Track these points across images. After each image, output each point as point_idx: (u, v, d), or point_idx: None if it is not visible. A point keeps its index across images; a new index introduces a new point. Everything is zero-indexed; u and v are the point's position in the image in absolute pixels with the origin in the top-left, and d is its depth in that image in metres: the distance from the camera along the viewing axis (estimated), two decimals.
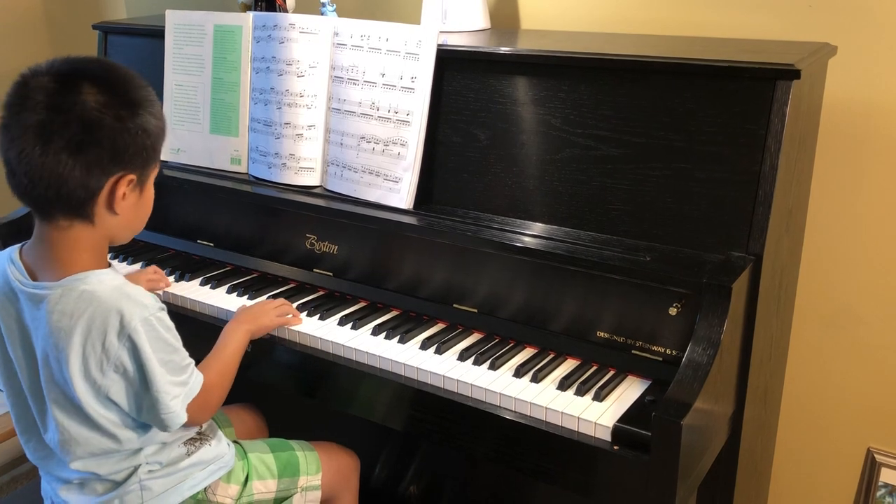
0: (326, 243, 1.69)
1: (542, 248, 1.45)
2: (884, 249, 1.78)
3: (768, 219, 1.35)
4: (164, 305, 1.27)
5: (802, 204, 1.72)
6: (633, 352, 1.39)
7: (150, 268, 1.80)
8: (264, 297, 1.69)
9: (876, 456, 1.89)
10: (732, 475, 1.49)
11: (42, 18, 2.88)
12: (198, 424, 1.38)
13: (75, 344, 1.20)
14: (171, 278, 1.80)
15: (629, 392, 1.35)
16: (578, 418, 1.28)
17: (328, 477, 1.56)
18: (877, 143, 1.74)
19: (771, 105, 1.35)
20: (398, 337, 1.52)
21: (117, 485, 1.31)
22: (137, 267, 1.87)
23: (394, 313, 1.63)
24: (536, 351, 1.48)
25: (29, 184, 1.18)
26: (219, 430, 1.47)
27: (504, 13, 2.09)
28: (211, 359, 1.44)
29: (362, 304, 1.66)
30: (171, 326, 1.27)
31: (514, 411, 1.34)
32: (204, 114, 1.93)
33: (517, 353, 1.48)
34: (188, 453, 1.38)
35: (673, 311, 1.33)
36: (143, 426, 1.29)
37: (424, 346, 1.50)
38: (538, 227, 1.53)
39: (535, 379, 1.38)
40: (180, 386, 1.27)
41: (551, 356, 1.46)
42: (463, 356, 1.45)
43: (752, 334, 1.39)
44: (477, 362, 1.44)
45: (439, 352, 1.48)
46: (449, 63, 1.62)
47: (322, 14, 1.87)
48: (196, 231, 1.90)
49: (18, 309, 1.26)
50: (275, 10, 1.99)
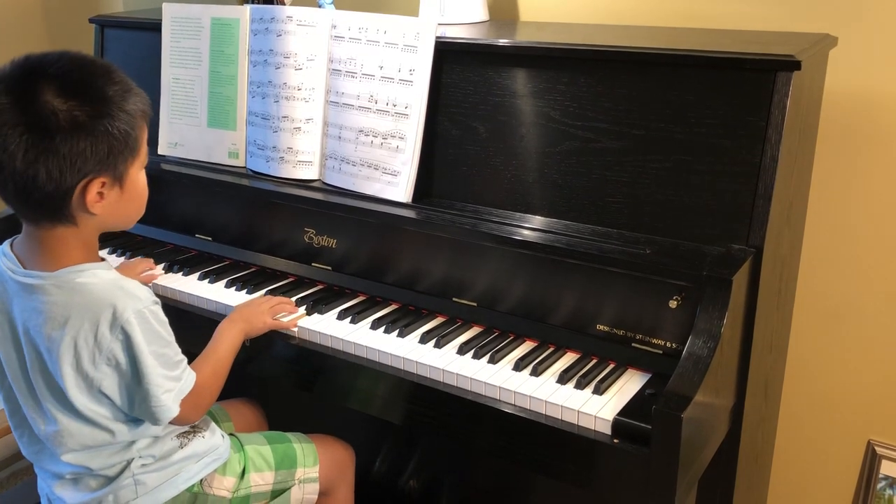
0: (325, 237, 1.69)
1: (542, 242, 1.45)
2: (884, 242, 1.78)
3: (769, 211, 1.34)
4: (158, 299, 1.27)
5: (803, 196, 1.71)
6: (633, 345, 1.38)
7: (138, 260, 1.80)
8: (263, 292, 1.69)
9: (876, 448, 1.89)
10: (733, 468, 1.49)
11: (39, 12, 2.87)
12: (188, 423, 1.38)
13: (67, 336, 1.20)
14: (169, 273, 1.79)
15: (629, 385, 1.35)
16: (578, 412, 1.28)
17: (325, 469, 1.56)
18: (878, 134, 1.73)
19: (771, 96, 1.34)
20: (397, 331, 1.52)
21: (111, 480, 1.31)
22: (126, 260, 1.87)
23: (393, 307, 1.62)
24: (536, 344, 1.48)
25: (3, 193, 1.18)
26: (212, 422, 1.47)
27: (503, 5, 2.08)
28: (203, 358, 1.43)
29: (361, 298, 1.66)
30: (165, 321, 1.27)
31: (514, 405, 1.34)
32: (201, 107, 1.93)
33: (517, 347, 1.47)
34: (181, 446, 1.38)
35: (673, 304, 1.32)
36: (134, 419, 1.29)
37: (424, 339, 1.49)
38: (538, 221, 1.53)
39: (535, 372, 1.38)
40: (173, 381, 1.27)
41: (551, 349, 1.45)
42: (462, 350, 1.45)
43: (752, 327, 1.38)
44: (476, 356, 1.43)
45: (438, 345, 1.47)
46: (447, 55, 1.61)
47: (319, 6, 1.86)
48: (194, 225, 1.89)
49: (7, 300, 1.26)
50: (272, 3, 1.98)
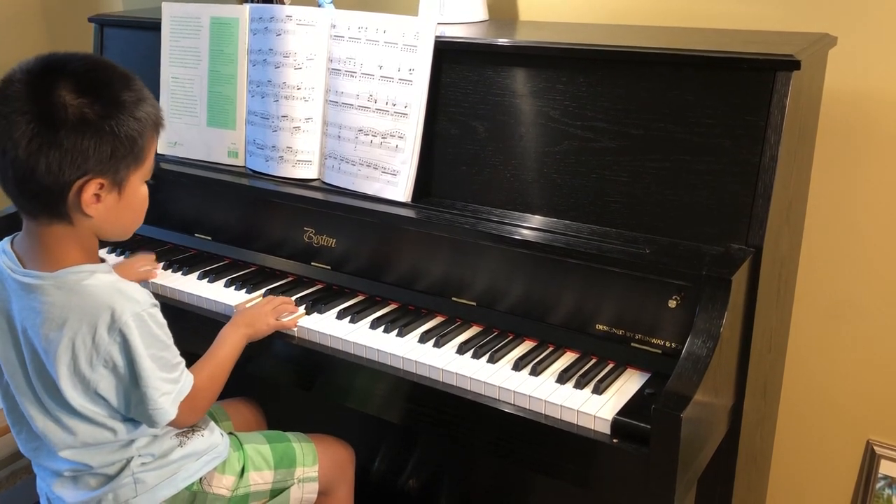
0: (324, 236, 1.69)
1: (541, 241, 1.45)
2: (884, 241, 1.78)
3: (768, 211, 1.34)
4: (157, 302, 1.27)
5: (802, 196, 1.71)
6: (632, 344, 1.38)
7: (140, 255, 1.80)
8: (262, 291, 1.69)
9: (875, 448, 1.89)
10: (732, 467, 1.49)
11: (39, 11, 2.87)
12: (184, 426, 1.38)
13: (65, 338, 1.20)
14: (168, 271, 1.79)
15: (628, 385, 1.35)
16: (577, 411, 1.28)
17: (325, 468, 1.56)
18: (877, 134, 1.73)
19: (771, 96, 1.34)
20: (397, 330, 1.52)
21: (110, 478, 1.31)
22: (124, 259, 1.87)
23: (392, 306, 1.62)
24: (535, 344, 1.48)
25: (3, 181, 1.19)
26: (211, 421, 1.47)
27: (502, 5, 2.08)
28: (204, 361, 1.43)
29: (361, 298, 1.66)
30: (164, 323, 1.27)
31: (513, 404, 1.34)
32: (201, 107, 1.93)
33: (516, 346, 1.47)
34: (180, 444, 1.37)
35: (672, 304, 1.32)
36: (131, 418, 1.29)
37: (423, 339, 1.49)
38: (537, 220, 1.53)
39: (534, 372, 1.38)
40: (171, 383, 1.27)
41: (550, 349, 1.45)
42: (462, 349, 1.45)
43: (751, 326, 1.38)
44: (476, 355, 1.43)
45: (438, 345, 1.47)
46: (447, 55, 1.61)
47: (319, 6, 1.86)
48: (193, 225, 1.89)
49: (5, 298, 1.26)
50: (271, 2, 1.98)
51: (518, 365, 1.40)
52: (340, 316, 1.58)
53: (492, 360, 1.42)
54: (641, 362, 1.38)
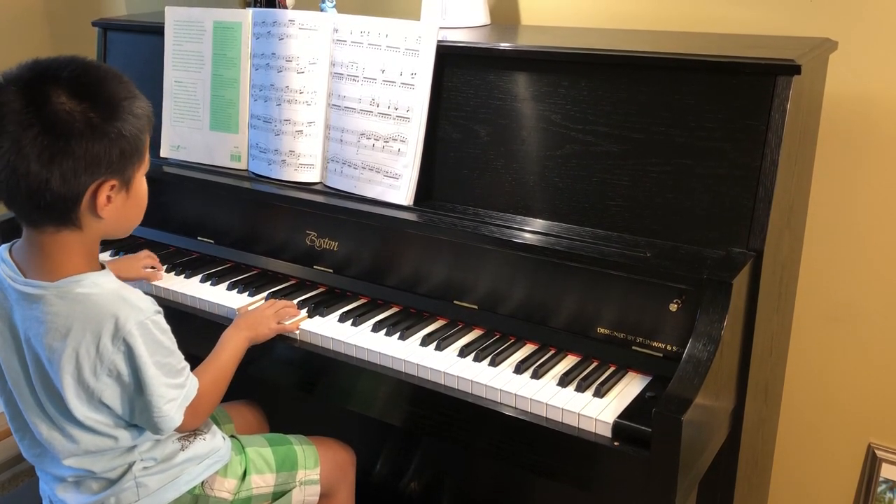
0: (327, 240, 1.69)
1: (543, 245, 1.45)
2: (884, 245, 1.78)
3: (769, 215, 1.35)
4: (160, 309, 1.27)
5: (803, 200, 1.72)
6: (633, 348, 1.39)
7: (143, 252, 1.80)
8: (264, 294, 1.69)
9: (877, 451, 1.89)
10: (733, 471, 1.49)
11: (42, 15, 2.88)
12: (188, 430, 1.38)
13: (69, 348, 1.19)
14: (171, 274, 1.79)
15: (630, 388, 1.35)
16: (579, 414, 1.28)
17: (326, 471, 1.56)
18: (878, 138, 1.74)
19: (771, 100, 1.34)
20: (398, 333, 1.52)
21: (112, 482, 1.32)
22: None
23: (394, 310, 1.63)
24: (537, 347, 1.48)
25: (9, 196, 1.17)
26: (213, 425, 1.47)
27: (504, 9, 2.09)
28: (207, 365, 1.43)
29: (363, 301, 1.66)
30: (167, 329, 1.27)
31: (515, 408, 1.34)
32: (204, 110, 1.93)
33: (517, 350, 1.48)
34: (182, 448, 1.38)
35: (673, 307, 1.33)
36: (135, 425, 1.29)
37: (425, 342, 1.49)
38: (538, 224, 1.53)
39: (536, 375, 1.38)
40: (176, 389, 1.27)
41: (552, 352, 1.46)
42: (463, 353, 1.45)
43: (752, 330, 1.38)
44: (477, 359, 1.44)
45: (440, 348, 1.48)
46: (449, 59, 1.62)
47: (321, 10, 1.86)
48: (196, 228, 1.90)
49: (8, 308, 1.25)
50: (274, 7, 1.99)
51: (520, 368, 1.40)
52: (342, 319, 1.58)
53: (493, 363, 1.42)
54: (642, 366, 1.39)
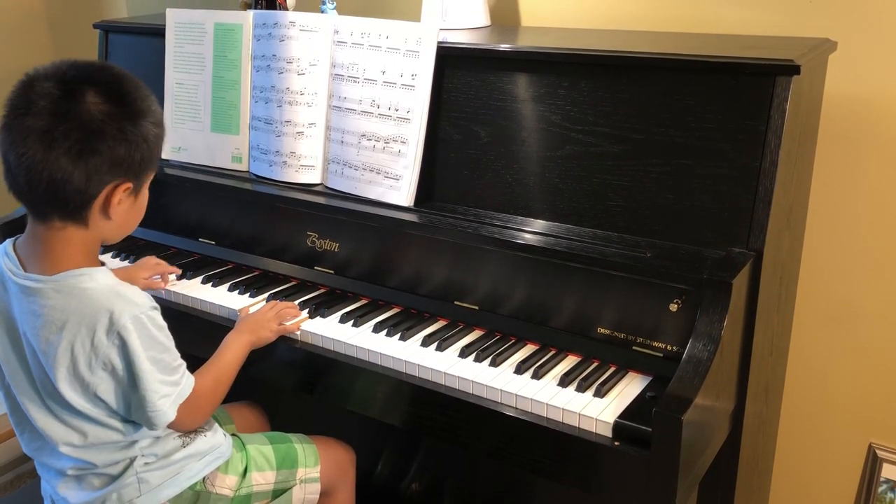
0: (327, 241, 1.70)
1: (543, 245, 1.45)
2: (884, 245, 1.78)
3: (768, 215, 1.35)
4: (157, 305, 1.28)
5: (803, 200, 1.72)
6: (633, 348, 1.39)
7: (151, 260, 1.77)
8: (265, 296, 1.69)
9: (877, 451, 1.89)
10: (734, 471, 1.49)
11: (43, 17, 2.88)
12: (186, 429, 1.38)
13: (64, 341, 1.21)
14: (171, 276, 1.79)
15: (630, 388, 1.35)
16: (579, 415, 1.28)
17: (326, 470, 1.57)
18: (877, 138, 1.74)
19: (771, 101, 1.35)
20: (399, 334, 1.53)
21: (114, 478, 1.32)
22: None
23: (395, 310, 1.63)
24: (537, 348, 1.48)
25: (27, 186, 1.19)
26: (214, 422, 1.48)
27: (504, 10, 2.09)
28: (208, 367, 1.44)
29: (363, 302, 1.67)
30: (164, 326, 1.28)
31: (516, 408, 1.34)
32: (205, 112, 1.94)
33: (518, 350, 1.48)
34: (183, 445, 1.38)
35: (673, 308, 1.33)
36: (132, 420, 1.30)
37: (425, 343, 1.50)
38: (539, 224, 1.53)
39: (536, 375, 1.38)
40: (171, 385, 1.28)
41: (552, 353, 1.46)
42: (464, 353, 1.46)
43: (752, 330, 1.39)
44: (478, 359, 1.44)
45: (440, 349, 1.48)
46: (449, 60, 1.62)
47: (322, 12, 1.87)
48: (197, 229, 1.90)
49: (7, 301, 1.27)
50: (275, 8, 1.99)
51: (520, 368, 1.40)
52: (343, 320, 1.59)
53: (494, 363, 1.43)
54: (643, 366, 1.39)
